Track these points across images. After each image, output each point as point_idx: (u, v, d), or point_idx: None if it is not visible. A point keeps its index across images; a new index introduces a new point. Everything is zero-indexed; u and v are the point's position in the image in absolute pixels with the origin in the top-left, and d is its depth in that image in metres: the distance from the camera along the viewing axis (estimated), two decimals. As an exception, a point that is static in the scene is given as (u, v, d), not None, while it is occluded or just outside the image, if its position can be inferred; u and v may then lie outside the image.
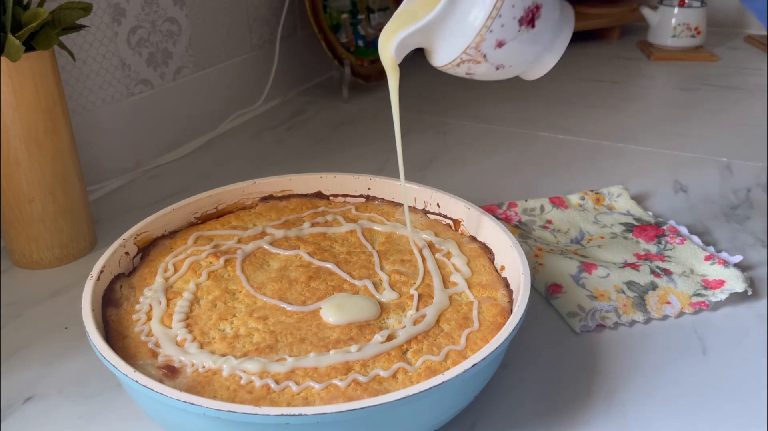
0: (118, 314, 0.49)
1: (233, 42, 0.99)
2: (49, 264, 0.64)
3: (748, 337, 0.54)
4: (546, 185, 0.79)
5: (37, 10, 0.56)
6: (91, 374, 0.51)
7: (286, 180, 0.63)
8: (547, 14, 0.46)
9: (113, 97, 0.82)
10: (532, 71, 0.50)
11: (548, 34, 0.47)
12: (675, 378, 0.50)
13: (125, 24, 0.81)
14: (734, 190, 0.77)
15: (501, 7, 0.44)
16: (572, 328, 0.55)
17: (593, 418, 0.46)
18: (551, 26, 0.47)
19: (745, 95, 1.09)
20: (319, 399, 0.41)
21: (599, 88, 1.15)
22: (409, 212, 0.61)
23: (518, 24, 0.45)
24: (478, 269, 0.54)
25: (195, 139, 0.94)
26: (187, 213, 0.59)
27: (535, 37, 0.46)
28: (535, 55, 0.48)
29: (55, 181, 0.62)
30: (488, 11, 0.44)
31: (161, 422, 0.43)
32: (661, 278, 0.59)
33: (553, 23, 0.47)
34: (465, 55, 0.46)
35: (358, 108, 1.07)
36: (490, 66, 0.47)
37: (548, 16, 0.46)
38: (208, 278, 0.52)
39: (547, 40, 0.48)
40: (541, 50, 0.48)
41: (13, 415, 0.47)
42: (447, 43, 0.46)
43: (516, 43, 0.46)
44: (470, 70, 0.48)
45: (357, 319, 0.48)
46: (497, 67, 0.47)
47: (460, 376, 0.40)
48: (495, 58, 0.46)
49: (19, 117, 0.58)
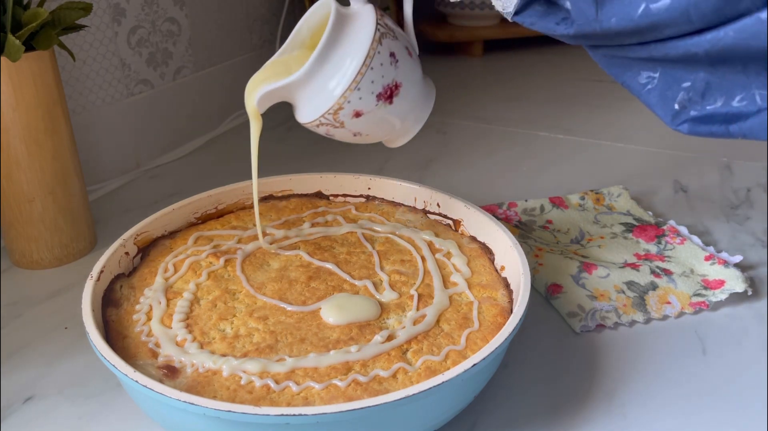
0: (118, 314, 0.49)
1: (233, 42, 0.99)
2: (49, 264, 0.64)
3: (748, 337, 0.54)
4: (546, 185, 0.79)
5: (37, 10, 0.56)
6: (91, 374, 0.51)
7: (286, 180, 0.63)
8: (407, 92, 0.48)
9: (113, 97, 0.82)
10: (391, 141, 0.53)
11: (406, 109, 0.49)
12: (675, 378, 0.50)
13: (125, 24, 0.81)
14: (734, 190, 0.77)
15: (360, 81, 0.46)
16: (572, 328, 0.55)
17: (593, 418, 0.46)
18: (409, 103, 0.49)
19: (745, 95, 1.09)
20: (319, 399, 0.41)
21: (599, 88, 1.15)
22: (408, 212, 0.61)
23: (376, 98, 0.47)
24: (478, 269, 0.54)
25: (195, 139, 0.94)
26: (187, 213, 0.59)
27: (392, 112, 0.48)
28: (391, 128, 0.50)
29: (55, 181, 0.62)
30: (348, 83, 0.46)
31: (161, 422, 0.43)
32: (661, 278, 0.59)
33: (412, 100, 0.49)
34: (324, 119, 0.48)
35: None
36: (347, 132, 0.49)
37: (407, 94, 0.48)
38: (208, 278, 0.52)
39: (403, 115, 0.50)
40: (397, 124, 0.50)
41: (13, 415, 0.47)
42: (308, 105, 0.48)
43: (373, 116, 0.48)
44: (329, 133, 0.50)
45: (357, 319, 0.48)
46: (354, 134, 0.49)
47: (460, 376, 0.40)
48: (352, 126, 0.48)
49: (19, 117, 0.58)
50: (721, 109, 0.44)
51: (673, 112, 0.46)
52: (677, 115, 0.46)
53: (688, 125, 0.46)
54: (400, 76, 0.47)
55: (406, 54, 0.48)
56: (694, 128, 0.45)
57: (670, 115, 0.46)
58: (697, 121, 0.45)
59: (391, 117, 0.49)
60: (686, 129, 0.46)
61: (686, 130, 0.46)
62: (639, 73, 0.47)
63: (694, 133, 0.45)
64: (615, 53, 0.47)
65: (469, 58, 1.34)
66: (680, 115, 0.46)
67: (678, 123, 0.46)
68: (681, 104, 0.45)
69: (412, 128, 0.51)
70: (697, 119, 0.45)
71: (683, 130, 0.46)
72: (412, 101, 0.49)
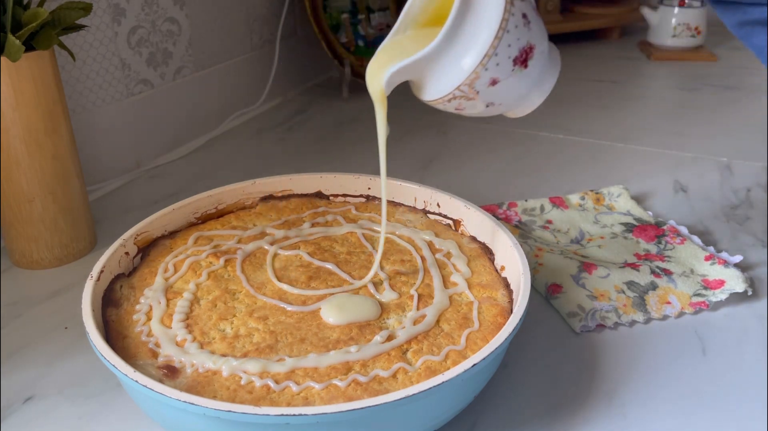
0: (118, 314, 0.49)
1: (233, 42, 0.99)
2: (49, 264, 0.64)
3: (748, 337, 0.54)
4: (546, 185, 0.79)
5: (37, 10, 0.56)
6: (91, 374, 0.51)
7: (286, 180, 0.63)
8: (539, 55, 0.47)
9: (113, 97, 0.82)
10: (518, 109, 0.51)
11: (538, 74, 0.48)
12: (675, 378, 0.50)
13: (125, 24, 0.81)
14: (734, 190, 0.77)
15: (498, 46, 0.44)
16: (572, 328, 0.55)
17: (593, 418, 0.46)
18: (541, 67, 0.48)
19: (745, 95, 1.09)
20: (319, 399, 0.41)
21: (599, 88, 1.15)
22: (408, 212, 0.61)
23: (512, 63, 0.45)
24: (478, 269, 0.54)
25: (195, 139, 0.94)
26: (187, 213, 0.59)
27: (526, 77, 0.47)
28: (524, 95, 0.49)
29: (55, 181, 0.62)
30: (485, 49, 0.44)
31: (161, 422, 0.43)
32: (661, 278, 0.59)
33: (543, 64, 0.48)
34: (458, 91, 0.46)
35: (358, 108, 1.07)
36: (480, 103, 0.47)
37: (540, 57, 0.47)
38: (208, 278, 0.52)
39: (536, 81, 0.48)
40: (530, 90, 0.49)
41: (13, 415, 0.47)
42: (440, 78, 0.46)
43: (508, 82, 0.46)
44: (460, 106, 0.48)
45: (357, 319, 0.48)
46: (487, 104, 0.48)
47: (460, 376, 0.40)
48: (486, 96, 0.47)
49: (19, 117, 0.58)
50: None
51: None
52: None
53: None
54: (534, 38, 0.46)
55: (535, 14, 0.47)
56: None
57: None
58: None
59: (524, 82, 0.47)
60: None
61: None
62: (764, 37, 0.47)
63: None
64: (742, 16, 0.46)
65: (469, 58, 1.34)
66: None
67: None
68: None
69: (543, 91, 0.50)
70: None
71: None
72: (544, 64, 0.48)
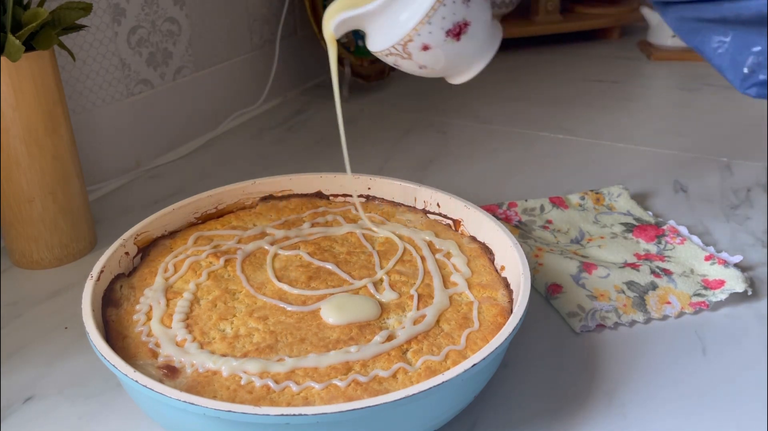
0: (118, 314, 0.49)
1: (233, 42, 0.99)
2: (49, 264, 0.64)
3: (748, 337, 0.54)
4: (546, 185, 0.79)
5: (37, 10, 0.56)
6: (91, 374, 0.51)
7: (286, 180, 0.63)
8: (475, 32, 0.50)
9: (113, 97, 0.82)
10: (453, 78, 0.54)
11: (471, 49, 0.51)
12: (675, 378, 0.50)
13: (125, 24, 0.81)
14: (734, 190, 0.77)
15: (432, 16, 0.48)
16: (572, 328, 0.55)
17: (593, 418, 0.46)
18: (475, 42, 0.51)
19: (745, 95, 1.09)
20: (319, 399, 0.41)
21: (599, 88, 1.15)
22: (408, 212, 0.61)
23: (445, 35, 0.49)
24: (478, 269, 0.54)
25: (195, 139, 0.94)
26: (187, 213, 0.59)
27: (458, 50, 0.50)
28: (455, 65, 0.52)
29: (55, 181, 0.62)
30: (420, 17, 0.48)
31: (161, 422, 0.43)
32: (661, 278, 0.59)
33: (479, 40, 0.51)
34: (393, 49, 0.50)
35: (358, 108, 1.07)
36: (414, 64, 0.51)
37: (475, 34, 0.50)
38: (208, 278, 0.52)
39: (468, 53, 0.51)
40: (461, 61, 0.52)
41: (13, 415, 0.47)
42: (380, 34, 0.50)
43: (440, 51, 0.50)
44: (397, 63, 0.52)
45: (357, 319, 0.48)
46: (420, 66, 0.51)
47: (460, 376, 0.40)
48: (419, 59, 0.50)
49: (19, 117, 0.58)
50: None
51: (742, 76, 0.47)
52: (746, 79, 0.47)
53: (757, 89, 0.47)
54: (470, 15, 0.49)
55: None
56: (763, 91, 0.46)
57: (739, 78, 0.47)
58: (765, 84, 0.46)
59: (456, 53, 0.50)
60: (754, 92, 0.47)
61: (754, 93, 0.47)
62: (710, 37, 0.48)
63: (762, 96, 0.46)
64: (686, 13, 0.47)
65: (469, 58, 1.34)
66: (749, 78, 0.47)
67: (747, 86, 0.47)
68: (750, 68, 0.46)
69: (474, 66, 0.53)
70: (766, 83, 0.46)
71: (751, 94, 0.47)
72: (479, 41, 0.51)
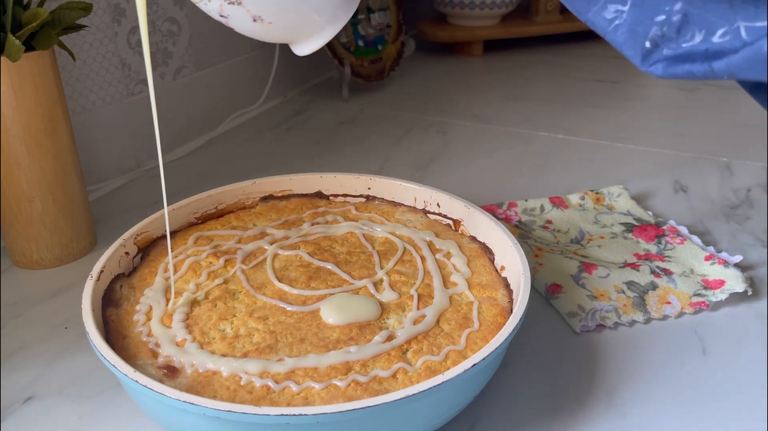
0: (118, 314, 0.49)
1: (233, 42, 0.99)
2: (49, 264, 0.64)
3: (748, 337, 0.54)
4: (546, 185, 0.79)
5: (37, 10, 0.56)
6: (91, 374, 0.51)
7: (286, 180, 0.63)
8: None
9: (113, 97, 0.82)
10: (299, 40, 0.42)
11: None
12: (675, 378, 0.50)
13: (125, 24, 0.81)
14: (734, 190, 0.77)
15: None
16: (572, 328, 0.55)
17: (593, 418, 0.46)
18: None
19: (745, 95, 1.08)
20: (319, 399, 0.41)
21: (599, 88, 1.15)
22: (408, 212, 0.61)
23: None
24: (478, 269, 0.54)
25: (195, 139, 0.94)
26: (187, 213, 0.59)
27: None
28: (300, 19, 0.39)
29: (55, 181, 0.62)
30: None
31: (161, 422, 0.43)
32: (661, 278, 0.59)
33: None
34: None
35: (358, 108, 1.07)
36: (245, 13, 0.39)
37: None
38: (208, 278, 0.52)
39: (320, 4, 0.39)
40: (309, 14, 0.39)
41: (13, 415, 0.47)
42: None
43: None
44: (224, 12, 0.40)
45: (357, 319, 0.48)
46: (254, 17, 0.39)
47: (460, 376, 0.40)
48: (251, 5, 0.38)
49: (19, 117, 0.58)
50: (700, 46, 0.38)
51: (643, 51, 0.41)
52: (648, 55, 0.41)
53: (663, 65, 0.40)
54: None
55: None
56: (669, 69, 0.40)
57: (639, 54, 0.41)
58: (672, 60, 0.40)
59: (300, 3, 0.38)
60: (660, 70, 0.40)
61: (660, 71, 0.40)
62: (605, 6, 0.41)
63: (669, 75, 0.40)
64: None
65: (469, 58, 1.34)
66: (652, 54, 0.40)
67: (650, 63, 0.41)
68: (653, 41, 0.40)
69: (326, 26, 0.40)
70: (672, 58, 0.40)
71: (656, 72, 0.41)
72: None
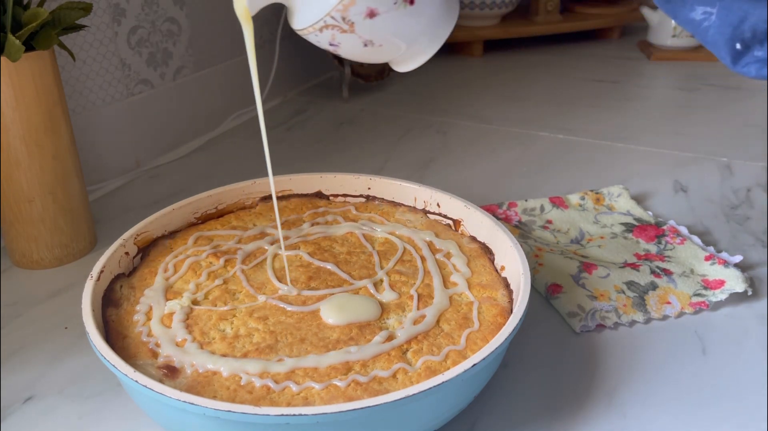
0: (118, 314, 0.49)
1: (233, 42, 0.99)
2: (49, 264, 0.64)
3: (748, 337, 0.54)
4: (546, 185, 0.79)
5: (37, 10, 0.56)
6: (91, 374, 0.51)
7: (286, 180, 0.63)
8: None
9: (113, 97, 0.82)
10: (405, 59, 0.44)
11: (428, 16, 0.42)
12: (675, 378, 0.50)
13: (125, 24, 0.81)
14: (734, 190, 0.77)
15: None
16: (572, 328, 0.55)
17: (593, 418, 0.46)
18: (431, 10, 0.41)
19: (745, 95, 1.09)
20: (319, 399, 0.41)
21: (599, 88, 1.15)
22: (408, 212, 0.61)
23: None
24: (478, 269, 0.54)
25: (195, 139, 0.94)
26: (187, 213, 0.59)
27: (412, 16, 0.41)
28: (410, 39, 0.42)
29: (55, 181, 0.62)
30: None
31: (161, 422, 0.43)
32: (661, 278, 0.59)
33: (435, 7, 0.42)
34: (330, 18, 0.40)
35: (358, 108, 1.07)
36: (357, 39, 0.41)
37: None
38: (208, 278, 0.52)
39: (423, 24, 0.42)
40: (415, 35, 0.42)
41: (13, 415, 0.47)
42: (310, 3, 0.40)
43: (390, 18, 0.40)
44: (334, 40, 0.41)
45: (357, 319, 0.48)
46: (365, 42, 0.41)
47: (460, 376, 0.40)
48: (364, 31, 0.40)
49: (19, 117, 0.58)
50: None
51: (733, 53, 0.40)
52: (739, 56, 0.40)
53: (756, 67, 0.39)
54: None
55: None
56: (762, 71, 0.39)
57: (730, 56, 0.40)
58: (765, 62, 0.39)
59: (409, 23, 0.41)
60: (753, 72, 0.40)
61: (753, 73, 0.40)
62: (693, 8, 0.41)
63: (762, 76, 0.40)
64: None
65: (469, 58, 1.34)
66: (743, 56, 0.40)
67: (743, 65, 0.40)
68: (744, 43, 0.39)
69: (429, 45, 0.43)
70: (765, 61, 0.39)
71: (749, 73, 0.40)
72: (435, 9, 0.42)
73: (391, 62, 0.45)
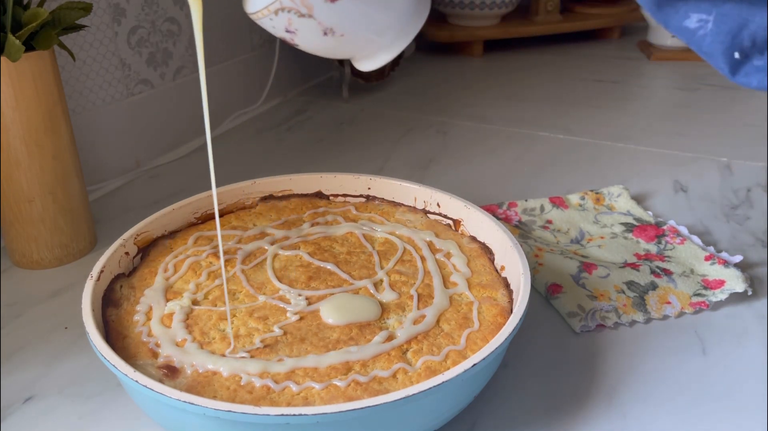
0: (118, 314, 0.49)
1: (233, 42, 0.99)
2: (49, 264, 0.64)
3: (748, 337, 0.54)
4: (546, 185, 0.79)
5: (37, 10, 0.56)
6: (91, 374, 0.51)
7: (286, 180, 0.63)
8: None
9: (113, 97, 0.82)
10: (368, 55, 0.41)
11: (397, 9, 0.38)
12: (675, 377, 0.50)
13: (125, 24, 0.81)
14: (734, 190, 0.77)
15: None
16: (572, 328, 0.55)
17: (593, 418, 0.46)
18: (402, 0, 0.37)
19: (745, 95, 1.09)
20: (319, 399, 0.41)
21: (599, 88, 1.15)
22: (408, 212, 0.61)
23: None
24: (478, 269, 0.54)
25: (195, 139, 0.94)
26: (187, 213, 0.59)
27: (379, 5, 0.37)
28: (375, 31, 0.38)
29: (55, 181, 0.62)
30: None
31: (161, 422, 0.43)
32: (661, 278, 0.59)
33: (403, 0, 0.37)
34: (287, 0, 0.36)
35: (358, 108, 1.07)
36: (316, 26, 0.37)
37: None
38: (208, 278, 0.52)
39: (394, 17, 0.38)
40: (383, 27, 0.38)
41: (13, 415, 0.47)
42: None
43: (353, 3, 0.36)
44: (291, 26, 0.38)
45: (357, 320, 0.48)
46: (325, 30, 0.37)
47: (460, 376, 0.40)
48: (324, 16, 0.36)
49: (19, 117, 0.58)
50: None
51: (732, 62, 0.38)
52: (738, 66, 0.38)
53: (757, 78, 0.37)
54: None
55: None
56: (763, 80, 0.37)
57: (728, 65, 0.38)
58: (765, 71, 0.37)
59: (375, 12, 0.37)
60: (755, 82, 0.38)
61: (755, 83, 0.38)
62: (687, 15, 0.39)
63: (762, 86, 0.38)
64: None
65: (469, 58, 1.34)
66: (742, 65, 0.38)
67: (743, 75, 0.38)
68: (743, 53, 0.37)
69: (395, 41, 0.39)
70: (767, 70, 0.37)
71: (750, 84, 0.38)
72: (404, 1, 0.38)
73: (353, 59, 0.42)
